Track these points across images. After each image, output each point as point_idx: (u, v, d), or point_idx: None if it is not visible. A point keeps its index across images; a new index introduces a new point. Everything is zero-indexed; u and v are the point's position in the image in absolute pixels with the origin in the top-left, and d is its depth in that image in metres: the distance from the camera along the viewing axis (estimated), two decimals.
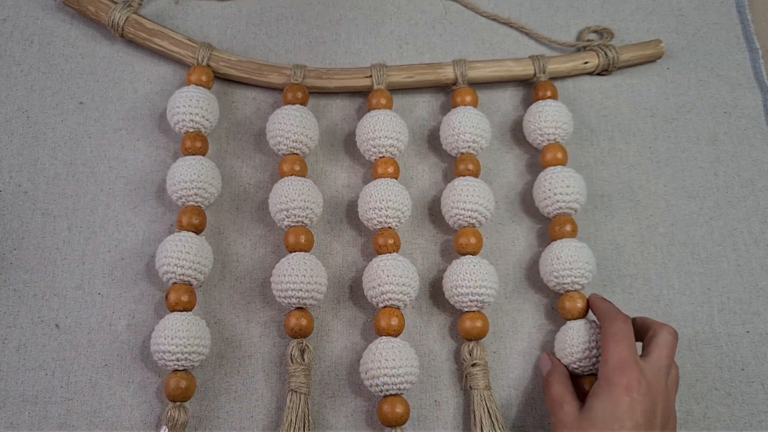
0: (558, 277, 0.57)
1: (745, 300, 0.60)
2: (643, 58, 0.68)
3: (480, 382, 0.55)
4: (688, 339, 0.59)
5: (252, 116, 0.65)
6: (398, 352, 0.53)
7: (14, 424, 0.53)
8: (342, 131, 0.65)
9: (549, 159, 0.62)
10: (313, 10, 0.70)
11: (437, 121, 0.66)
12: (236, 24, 0.69)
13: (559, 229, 0.59)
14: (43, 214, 0.60)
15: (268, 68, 0.64)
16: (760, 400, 0.57)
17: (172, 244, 0.55)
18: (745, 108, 0.68)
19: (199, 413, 0.55)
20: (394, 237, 0.58)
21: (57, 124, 0.63)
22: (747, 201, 0.64)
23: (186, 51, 0.64)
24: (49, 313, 0.56)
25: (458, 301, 0.57)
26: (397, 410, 0.53)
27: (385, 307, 0.56)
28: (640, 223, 0.63)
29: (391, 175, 0.60)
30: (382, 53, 0.68)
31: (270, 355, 0.57)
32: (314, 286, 0.55)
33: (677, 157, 0.66)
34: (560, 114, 0.63)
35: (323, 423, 0.55)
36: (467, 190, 0.59)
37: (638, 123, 0.67)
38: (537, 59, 0.66)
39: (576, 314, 0.57)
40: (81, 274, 0.58)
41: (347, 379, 0.57)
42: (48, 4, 0.68)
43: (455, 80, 0.65)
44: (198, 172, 0.58)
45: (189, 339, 0.53)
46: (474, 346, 0.56)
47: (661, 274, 0.61)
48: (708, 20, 0.72)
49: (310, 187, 0.59)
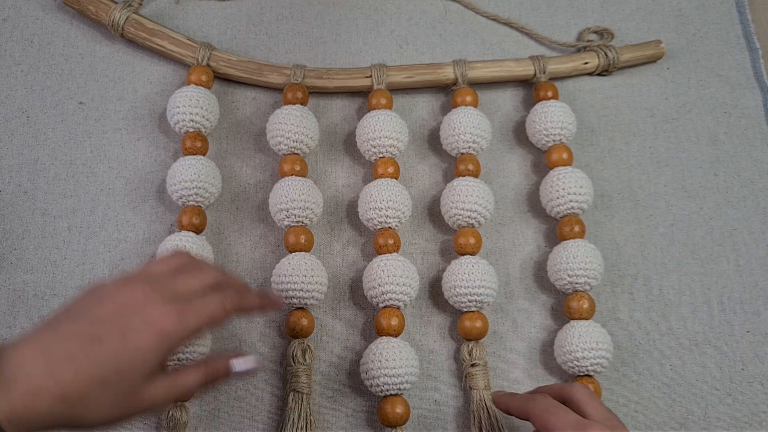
0: (572, 276, 0.57)
1: (745, 300, 0.60)
2: (643, 59, 0.68)
3: (480, 382, 0.55)
4: (688, 339, 0.59)
5: (252, 116, 0.65)
6: (398, 352, 0.53)
7: None
8: (342, 131, 0.65)
9: (555, 159, 0.62)
10: (313, 10, 0.70)
11: (437, 121, 0.66)
12: (236, 24, 0.69)
13: (569, 229, 0.59)
14: (43, 214, 0.60)
15: (268, 68, 0.64)
16: (760, 400, 0.57)
17: (172, 244, 0.55)
18: (745, 108, 0.68)
19: (199, 413, 0.55)
20: (394, 237, 0.58)
21: (57, 124, 0.63)
22: (747, 201, 0.64)
23: (186, 51, 0.64)
24: (49, 313, 0.56)
25: (457, 302, 0.57)
26: (397, 410, 0.53)
27: (385, 307, 0.56)
28: (640, 223, 0.63)
29: (391, 175, 0.60)
30: (382, 53, 0.68)
31: (270, 356, 0.57)
32: (314, 286, 0.55)
33: (677, 158, 0.66)
34: (565, 114, 0.63)
35: (324, 423, 0.55)
36: (466, 191, 0.59)
37: (638, 123, 0.67)
38: (537, 59, 0.66)
39: (582, 314, 0.57)
40: (81, 274, 0.58)
41: (347, 379, 0.57)
42: (48, 4, 0.68)
43: (455, 80, 0.65)
44: (198, 172, 0.58)
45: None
46: (474, 346, 0.56)
47: (661, 274, 0.61)
48: (708, 20, 0.72)
49: (310, 187, 0.59)
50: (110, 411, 0.38)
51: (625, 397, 0.57)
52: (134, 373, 0.39)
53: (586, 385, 0.51)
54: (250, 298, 0.45)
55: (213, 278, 0.44)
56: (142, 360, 0.39)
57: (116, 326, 0.39)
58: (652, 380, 0.58)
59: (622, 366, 0.58)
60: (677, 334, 0.59)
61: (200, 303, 0.42)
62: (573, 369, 0.55)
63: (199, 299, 0.42)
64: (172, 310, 0.40)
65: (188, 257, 0.45)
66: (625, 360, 0.58)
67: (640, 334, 0.59)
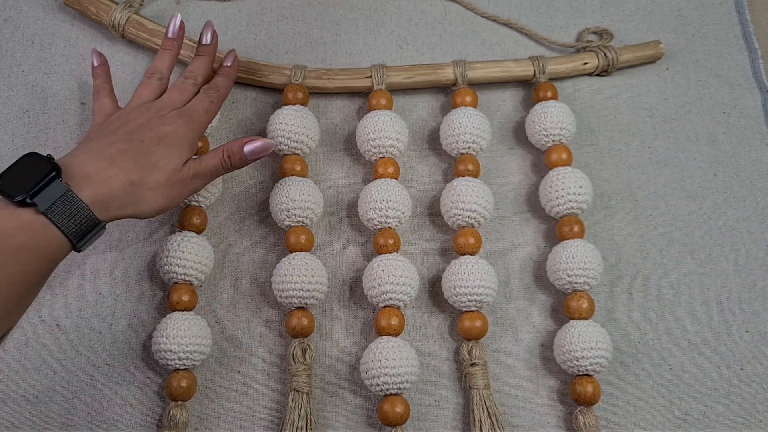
0: (571, 276, 0.57)
1: (744, 300, 0.61)
2: (643, 59, 0.68)
3: (479, 382, 0.55)
4: (688, 339, 0.59)
5: (252, 116, 0.65)
6: (398, 351, 0.53)
7: (15, 423, 0.53)
8: (342, 131, 0.66)
9: (554, 159, 0.62)
10: (313, 11, 0.70)
11: (437, 122, 0.66)
12: (237, 24, 0.69)
13: (569, 229, 0.59)
14: None
15: (268, 68, 0.65)
16: (759, 399, 0.57)
17: (173, 244, 0.56)
18: (745, 108, 0.68)
19: (199, 413, 0.55)
20: (394, 237, 0.58)
21: (58, 124, 0.63)
22: (746, 201, 0.64)
23: (187, 51, 0.64)
24: (50, 313, 0.57)
25: (457, 301, 0.57)
26: (398, 410, 0.53)
27: (385, 306, 0.56)
28: (640, 223, 0.63)
29: (392, 176, 0.60)
30: (382, 54, 0.68)
31: (270, 355, 0.57)
32: (315, 286, 0.55)
33: (676, 158, 0.66)
34: (565, 115, 0.63)
35: (324, 422, 0.55)
36: (466, 191, 0.59)
37: (638, 123, 0.67)
38: (537, 60, 0.66)
39: (581, 314, 0.57)
40: (82, 273, 0.58)
41: (347, 379, 0.57)
42: (49, 5, 0.68)
43: (455, 81, 0.65)
44: None
45: (190, 338, 0.53)
46: (473, 346, 0.56)
47: (660, 274, 0.61)
48: (707, 21, 0.72)
49: (310, 187, 0.59)
50: (161, 192, 0.49)
51: (625, 397, 0.57)
52: (173, 160, 0.50)
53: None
54: (228, 78, 0.59)
55: (193, 86, 0.56)
56: (176, 145, 0.51)
57: (148, 129, 0.51)
58: (652, 380, 0.58)
59: (622, 366, 0.58)
60: (676, 334, 0.59)
61: (198, 101, 0.55)
62: (572, 369, 0.55)
63: (195, 101, 0.55)
64: (183, 113, 0.53)
65: (157, 80, 0.56)
66: (625, 360, 0.58)
67: (639, 334, 0.59)
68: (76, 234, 0.45)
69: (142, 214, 0.49)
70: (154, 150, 0.50)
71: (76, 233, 0.45)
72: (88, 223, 0.45)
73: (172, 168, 0.50)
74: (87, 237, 0.46)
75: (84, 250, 0.47)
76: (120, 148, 0.49)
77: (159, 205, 0.50)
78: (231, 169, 0.53)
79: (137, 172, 0.48)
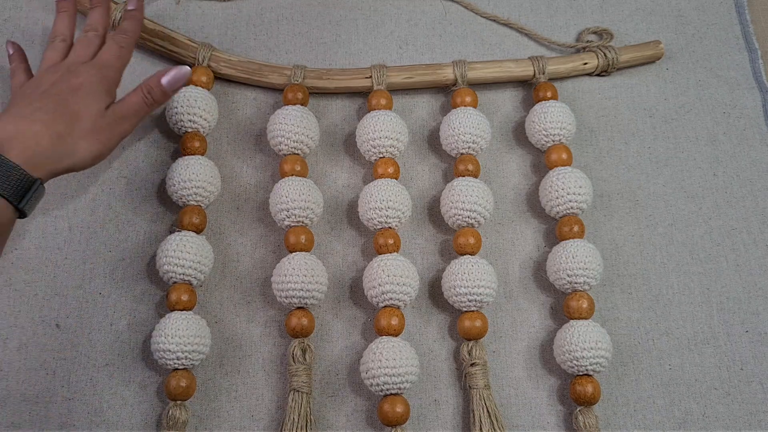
0: (571, 275, 0.57)
1: (744, 300, 0.61)
2: (643, 59, 0.68)
3: (479, 382, 0.55)
4: (687, 338, 0.59)
5: (252, 116, 0.65)
6: (398, 351, 0.53)
7: (15, 423, 0.53)
8: (342, 131, 0.66)
9: (554, 159, 0.62)
10: (313, 11, 0.70)
11: (437, 122, 0.66)
12: (237, 24, 0.69)
13: (569, 229, 0.59)
14: (43, 214, 0.60)
15: (268, 69, 0.65)
16: (759, 399, 0.57)
17: (172, 244, 0.56)
18: (744, 108, 0.68)
19: (199, 412, 0.55)
20: (394, 237, 0.58)
21: None
22: (746, 201, 0.64)
23: (186, 51, 0.64)
24: (50, 313, 0.57)
25: (457, 301, 0.57)
26: (398, 409, 0.53)
27: (385, 306, 0.56)
28: (640, 223, 0.63)
29: (391, 176, 0.60)
30: (382, 54, 0.68)
31: (270, 355, 0.57)
32: (315, 286, 0.55)
33: (676, 158, 0.66)
34: (565, 115, 0.63)
35: (324, 422, 0.55)
36: (466, 191, 0.59)
37: (637, 123, 0.67)
38: (536, 60, 0.66)
39: (581, 314, 0.57)
40: (82, 273, 0.58)
41: (348, 379, 0.57)
42: (49, 5, 0.68)
43: (455, 81, 0.65)
44: (196, 172, 0.58)
45: (189, 338, 0.53)
46: (473, 346, 0.56)
47: (660, 273, 0.61)
48: (707, 21, 0.72)
49: (310, 187, 0.59)
50: (92, 139, 0.51)
51: (624, 397, 0.57)
52: (93, 105, 0.51)
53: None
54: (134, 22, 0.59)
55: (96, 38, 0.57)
56: (92, 92, 0.52)
57: (62, 83, 0.52)
58: (651, 380, 0.58)
59: (621, 365, 0.58)
60: (676, 334, 0.59)
61: (107, 49, 0.56)
62: (572, 368, 0.55)
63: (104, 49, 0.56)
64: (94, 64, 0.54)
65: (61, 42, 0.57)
66: (624, 359, 0.58)
67: (639, 334, 0.59)
68: (14, 195, 0.46)
69: (79, 164, 0.51)
70: (72, 100, 0.51)
71: (15, 194, 0.46)
72: (24, 183, 0.47)
73: (95, 113, 0.51)
74: (26, 197, 0.47)
75: (29, 213, 0.48)
76: (37, 106, 0.50)
77: (93, 152, 0.51)
78: (155, 105, 0.55)
79: (61, 122, 0.49)
